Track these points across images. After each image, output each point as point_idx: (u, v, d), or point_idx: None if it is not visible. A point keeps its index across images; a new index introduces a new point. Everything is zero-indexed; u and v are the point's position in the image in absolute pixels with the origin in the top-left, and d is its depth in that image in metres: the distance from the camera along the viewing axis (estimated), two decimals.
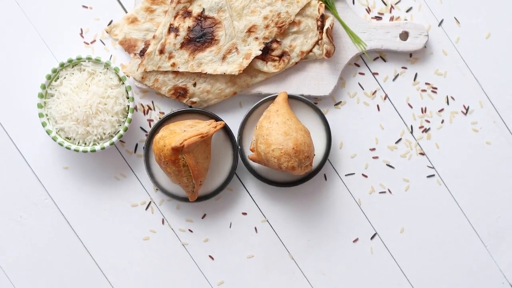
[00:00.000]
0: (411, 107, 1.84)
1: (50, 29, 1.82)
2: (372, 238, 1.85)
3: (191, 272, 1.85)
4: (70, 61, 1.74)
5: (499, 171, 1.85)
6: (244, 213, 1.85)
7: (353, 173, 1.85)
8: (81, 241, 1.84)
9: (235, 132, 1.82)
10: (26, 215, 1.83)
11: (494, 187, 1.85)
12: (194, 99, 1.80)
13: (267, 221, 1.85)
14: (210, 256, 1.85)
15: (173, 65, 1.78)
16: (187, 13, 1.78)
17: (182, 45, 1.78)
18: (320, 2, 1.78)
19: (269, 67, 1.80)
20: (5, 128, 1.82)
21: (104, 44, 1.83)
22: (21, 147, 1.83)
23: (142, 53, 1.79)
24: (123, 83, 1.75)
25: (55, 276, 1.84)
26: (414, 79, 1.84)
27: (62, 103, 1.73)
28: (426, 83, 1.84)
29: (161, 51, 1.78)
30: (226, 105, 1.83)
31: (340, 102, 1.84)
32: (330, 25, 1.76)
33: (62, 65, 1.74)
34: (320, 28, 1.78)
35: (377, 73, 1.84)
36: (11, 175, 1.83)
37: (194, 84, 1.80)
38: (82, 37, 1.83)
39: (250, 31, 1.78)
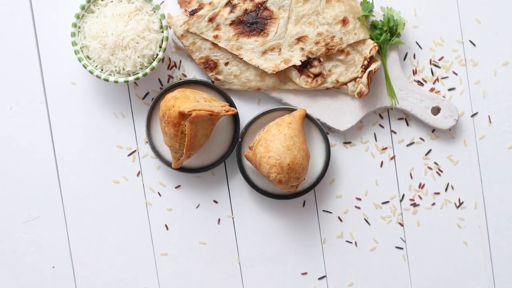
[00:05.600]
0: (412, 177, 1.85)
1: None
2: (320, 278, 1.85)
3: (141, 232, 1.84)
4: None
5: (462, 273, 1.85)
6: (215, 201, 1.84)
7: (331, 212, 1.85)
8: (55, 155, 1.83)
9: (243, 124, 1.82)
10: (16, 109, 1.82)
11: (452, 285, 1.85)
12: (219, 77, 1.80)
13: (233, 218, 1.85)
14: (166, 226, 1.84)
15: (216, 37, 1.77)
16: None
17: (232, 23, 1.77)
18: (375, 44, 1.78)
19: (301, 81, 1.80)
20: (35, 23, 1.81)
21: None
22: (42, 48, 1.81)
23: (193, 12, 1.78)
24: (162, 32, 1.75)
25: (16, 179, 1.83)
26: (426, 154, 1.84)
27: (99, 23, 1.72)
28: (435, 163, 1.84)
29: (211, 20, 1.77)
30: (246, 96, 1.83)
31: (350, 142, 1.84)
32: (374, 68, 1.76)
33: None
34: (364, 67, 1.78)
35: (395, 132, 1.84)
36: (19, 67, 1.82)
37: (226, 64, 1.79)
38: None
39: (299, 39, 1.78)
